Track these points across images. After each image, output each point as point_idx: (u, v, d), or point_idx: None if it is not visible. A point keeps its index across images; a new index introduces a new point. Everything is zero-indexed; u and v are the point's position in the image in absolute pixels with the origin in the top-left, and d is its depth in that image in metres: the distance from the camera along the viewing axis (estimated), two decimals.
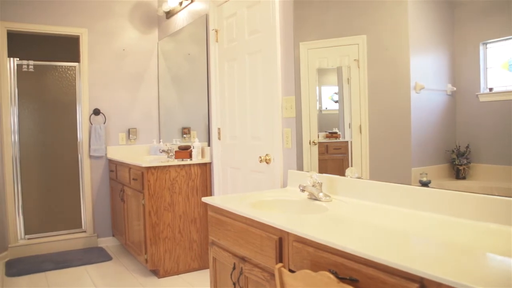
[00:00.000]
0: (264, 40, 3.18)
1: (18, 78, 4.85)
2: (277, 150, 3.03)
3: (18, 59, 4.86)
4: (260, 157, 3.15)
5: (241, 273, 2.19)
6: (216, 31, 3.87)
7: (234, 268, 2.25)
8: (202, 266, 4.13)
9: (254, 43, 3.33)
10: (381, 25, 2.29)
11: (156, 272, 4.03)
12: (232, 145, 3.72)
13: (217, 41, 3.88)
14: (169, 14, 5.02)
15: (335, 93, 2.67)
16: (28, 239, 4.88)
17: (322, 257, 1.62)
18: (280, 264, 1.68)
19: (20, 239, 4.84)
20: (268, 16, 3.10)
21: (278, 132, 3.01)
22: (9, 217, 4.71)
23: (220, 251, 2.42)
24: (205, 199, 2.54)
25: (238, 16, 3.54)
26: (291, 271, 1.73)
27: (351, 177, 2.42)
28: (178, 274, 4.03)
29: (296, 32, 2.86)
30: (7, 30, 4.71)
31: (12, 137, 4.76)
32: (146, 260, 3.96)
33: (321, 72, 2.78)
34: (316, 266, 1.64)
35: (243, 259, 2.19)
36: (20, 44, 5.16)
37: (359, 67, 2.41)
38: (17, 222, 4.81)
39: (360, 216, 1.97)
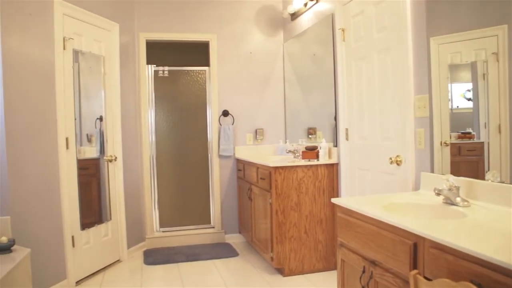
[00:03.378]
0: (394, 37, 3.07)
1: (155, 83, 5.28)
2: (409, 151, 2.89)
3: (155, 65, 5.29)
4: (391, 158, 3.04)
5: (371, 277, 2.14)
6: (343, 30, 3.82)
7: (363, 272, 2.21)
8: (327, 268, 4.11)
9: (383, 40, 3.23)
10: None
11: (281, 271, 4.09)
12: (360, 145, 3.65)
13: (343, 41, 3.83)
14: (294, 15, 5.07)
15: (468, 90, 2.49)
16: (163, 231, 5.28)
17: (462, 266, 1.52)
18: (415, 271, 1.61)
19: (156, 231, 5.26)
20: (397, 11, 2.99)
21: (410, 132, 2.88)
22: (147, 210, 5.15)
23: (349, 253, 2.39)
24: (334, 200, 2.52)
25: (366, 14, 3.46)
26: (427, 278, 1.65)
27: (492, 181, 2.24)
28: (302, 274, 4.05)
29: (427, 26, 2.72)
30: (146, 40, 5.15)
31: (149, 137, 5.18)
32: (272, 258, 4.03)
33: (453, 68, 2.60)
34: (454, 276, 1.54)
35: (373, 262, 2.14)
36: (156, 52, 5.57)
37: (498, 61, 2.21)
38: (153, 216, 5.24)
39: (504, 224, 1.80)
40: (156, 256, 4.73)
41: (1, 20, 3.20)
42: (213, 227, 5.39)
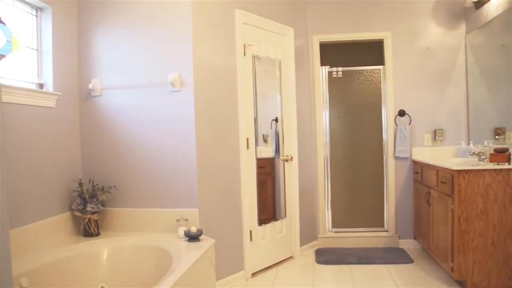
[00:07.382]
0: None
1: (329, 84, 5.31)
2: None
3: (328, 67, 5.32)
4: None
5: None
6: None
7: None
8: None
9: None
10: None
11: (462, 284, 3.76)
12: None
13: None
14: (478, 3, 4.63)
15: None
16: (335, 232, 5.30)
17: None
18: None
19: (328, 231, 5.30)
20: None
21: None
22: (320, 210, 5.21)
23: None
24: None
25: None
26: None
27: None
28: None
29: None
30: (319, 42, 5.22)
31: (323, 138, 5.24)
32: (452, 269, 3.73)
33: None
34: None
35: None
36: (329, 53, 5.58)
37: None
38: (326, 216, 5.28)
39: None
40: (327, 256, 4.75)
41: (193, 33, 3.60)
42: (386, 231, 5.22)
